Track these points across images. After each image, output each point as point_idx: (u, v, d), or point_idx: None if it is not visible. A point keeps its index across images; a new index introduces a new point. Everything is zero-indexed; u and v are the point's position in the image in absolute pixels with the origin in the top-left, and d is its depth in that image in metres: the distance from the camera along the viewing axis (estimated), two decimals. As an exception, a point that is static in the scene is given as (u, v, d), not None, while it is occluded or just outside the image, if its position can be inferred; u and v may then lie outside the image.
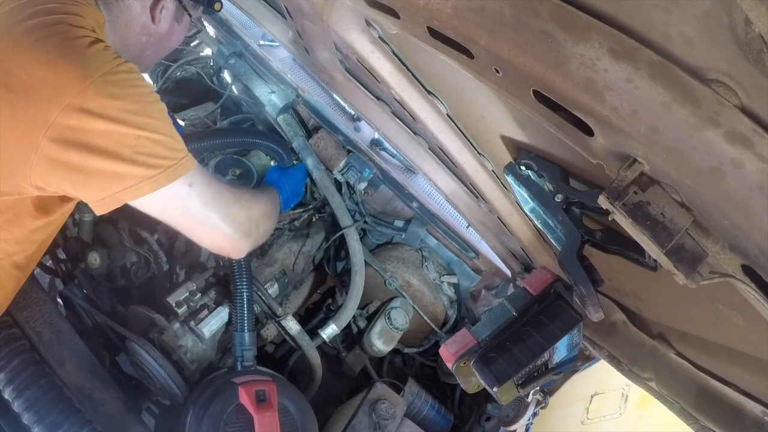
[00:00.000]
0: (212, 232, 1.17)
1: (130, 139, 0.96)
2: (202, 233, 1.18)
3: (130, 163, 0.97)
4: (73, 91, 0.92)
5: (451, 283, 1.96)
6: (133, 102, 0.97)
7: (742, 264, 0.65)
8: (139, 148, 0.97)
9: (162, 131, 1.00)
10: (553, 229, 0.92)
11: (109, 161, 0.95)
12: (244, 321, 1.49)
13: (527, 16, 0.64)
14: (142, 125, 0.97)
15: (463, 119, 1.09)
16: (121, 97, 0.95)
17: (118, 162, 0.96)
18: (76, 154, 0.94)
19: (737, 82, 0.53)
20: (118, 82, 0.96)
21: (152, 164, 0.99)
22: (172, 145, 1.02)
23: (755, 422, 0.94)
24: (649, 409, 1.54)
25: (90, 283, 1.68)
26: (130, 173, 0.97)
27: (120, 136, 0.95)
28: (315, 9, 1.10)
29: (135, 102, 0.97)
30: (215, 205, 1.13)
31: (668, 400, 1.10)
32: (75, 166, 0.95)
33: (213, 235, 1.18)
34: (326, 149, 1.95)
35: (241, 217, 1.21)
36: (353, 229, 1.87)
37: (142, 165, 0.98)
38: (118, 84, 0.96)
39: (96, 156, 0.95)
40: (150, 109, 1.00)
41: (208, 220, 1.13)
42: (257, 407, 1.30)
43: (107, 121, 0.93)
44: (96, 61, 0.96)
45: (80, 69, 0.94)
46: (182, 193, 1.05)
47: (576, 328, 0.96)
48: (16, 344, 1.30)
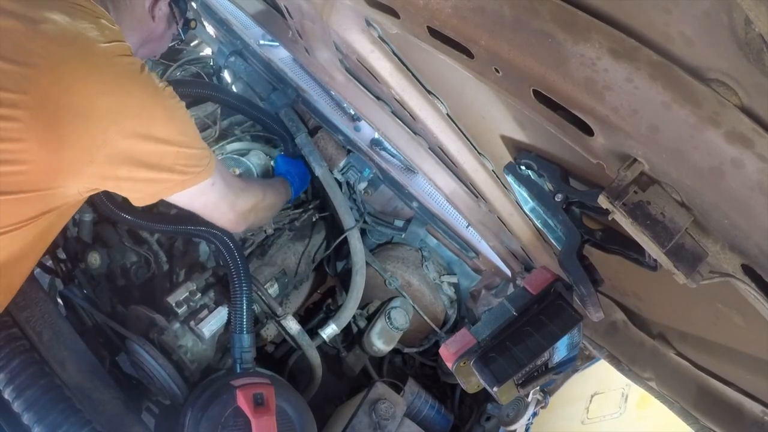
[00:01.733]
0: (221, 216, 1.43)
1: (172, 154, 1.16)
2: (213, 216, 1.43)
3: (169, 172, 1.18)
4: (129, 117, 1.09)
5: (451, 282, 1.96)
6: (176, 124, 1.17)
7: (742, 264, 0.65)
8: (177, 161, 1.18)
9: (195, 145, 1.22)
10: (553, 228, 0.92)
11: (152, 172, 1.15)
12: (242, 323, 1.48)
13: (527, 16, 0.64)
14: (182, 143, 1.17)
15: (463, 119, 1.09)
16: (166, 121, 1.15)
17: (160, 172, 1.17)
18: (126, 168, 1.12)
19: (737, 82, 0.53)
20: (165, 108, 1.15)
21: (186, 171, 1.21)
22: (202, 155, 1.23)
23: (755, 422, 0.94)
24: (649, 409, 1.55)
25: (90, 283, 1.68)
26: (168, 179, 1.19)
27: (164, 153, 1.15)
28: (315, 9, 1.10)
29: (177, 124, 1.17)
30: (228, 198, 1.38)
31: (668, 400, 1.10)
32: (124, 177, 1.14)
33: (220, 217, 1.43)
34: (326, 149, 1.95)
35: (246, 206, 1.46)
36: (355, 229, 1.87)
37: (178, 173, 1.19)
38: (165, 109, 1.15)
39: (143, 168, 1.14)
40: (187, 128, 1.21)
41: (221, 208, 1.39)
42: (255, 411, 1.30)
43: (155, 143, 1.12)
44: (147, 90, 1.13)
45: (135, 98, 1.10)
46: (206, 190, 1.29)
47: (576, 327, 0.96)
48: (16, 344, 1.30)
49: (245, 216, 1.47)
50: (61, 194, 1.13)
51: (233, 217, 1.43)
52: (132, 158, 1.11)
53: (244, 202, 1.45)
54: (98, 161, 1.08)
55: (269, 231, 1.83)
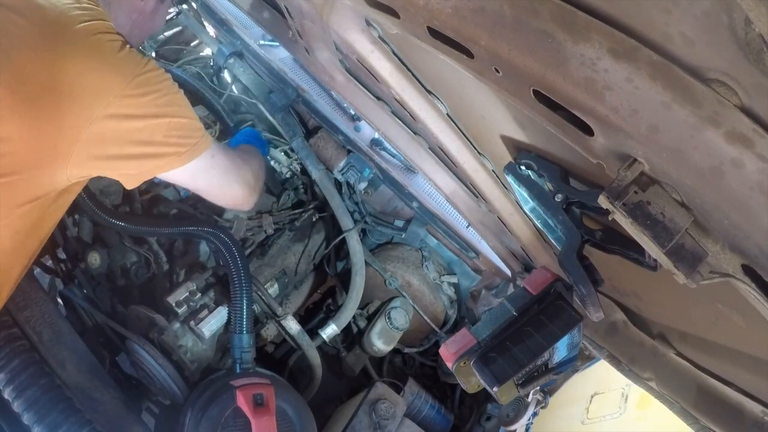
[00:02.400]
0: (230, 193, 1.37)
1: (163, 126, 1.12)
2: (221, 195, 1.37)
3: (162, 146, 1.13)
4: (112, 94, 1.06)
5: (451, 283, 1.96)
6: (163, 94, 1.12)
7: (742, 264, 0.65)
8: (170, 132, 1.13)
9: (187, 115, 1.17)
10: (553, 229, 0.92)
11: (144, 147, 1.11)
12: (242, 323, 1.48)
13: (527, 16, 0.64)
14: (172, 113, 1.13)
15: (463, 119, 1.09)
16: (152, 92, 1.10)
17: (153, 146, 1.12)
18: (115, 146, 1.09)
19: (737, 82, 0.53)
20: (148, 80, 1.11)
21: (181, 143, 1.15)
22: (195, 125, 1.19)
23: (755, 422, 0.93)
24: (649, 409, 1.54)
25: (90, 283, 1.68)
26: (163, 153, 1.14)
27: (154, 126, 1.11)
28: (315, 9, 1.10)
29: (164, 94, 1.13)
30: (232, 171, 1.32)
31: (668, 400, 1.10)
32: (114, 155, 1.10)
33: (231, 195, 1.38)
34: (326, 149, 1.95)
35: (249, 176, 1.41)
36: (354, 230, 1.87)
37: (173, 145, 1.14)
38: (148, 82, 1.11)
39: (133, 145, 1.10)
40: (176, 98, 1.16)
41: (227, 184, 1.33)
42: (255, 411, 1.30)
43: (143, 118, 1.09)
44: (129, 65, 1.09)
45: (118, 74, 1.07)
46: (207, 165, 1.23)
47: (576, 328, 0.96)
48: (16, 344, 1.30)
49: (254, 187, 1.42)
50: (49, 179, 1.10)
51: (244, 191, 1.38)
52: (120, 136, 1.09)
53: (248, 171, 1.40)
54: (84, 140, 1.06)
55: (269, 231, 1.83)
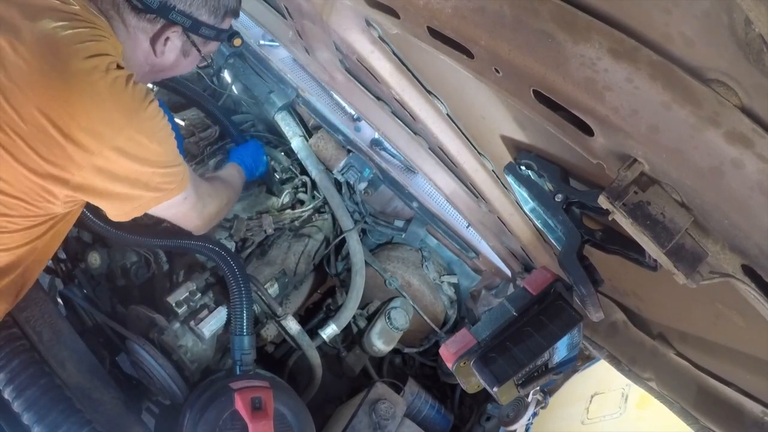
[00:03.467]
0: (189, 223, 1.47)
1: (149, 174, 1.17)
2: (180, 223, 1.46)
3: (144, 190, 1.19)
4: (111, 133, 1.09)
5: (451, 283, 1.96)
6: (158, 144, 1.16)
7: (742, 264, 0.65)
8: (153, 179, 1.19)
9: (172, 163, 1.22)
10: (553, 229, 0.92)
11: (127, 188, 1.17)
12: (242, 325, 1.48)
13: (527, 16, 0.64)
14: (160, 164, 1.18)
15: (463, 119, 1.09)
16: (147, 141, 1.13)
17: (135, 189, 1.18)
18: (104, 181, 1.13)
19: (737, 82, 0.53)
20: (147, 128, 1.14)
21: (160, 189, 1.22)
22: (176, 173, 1.24)
23: (755, 422, 0.93)
24: (649, 409, 1.54)
25: (90, 283, 1.68)
26: (143, 196, 1.21)
27: (142, 172, 1.16)
28: (315, 9, 1.10)
29: (159, 143, 1.16)
30: (197, 207, 1.41)
31: (668, 400, 1.10)
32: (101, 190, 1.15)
33: (187, 224, 1.48)
34: (326, 149, 1.95)
35: (213, 211, 1.50)
36: (354, 231, 1.87)
37: (153, 190, 1.21)
38: (147, 130, 1.13)
39: (119, 183, 1.15)
40: (167, 148, 1.20)
41: (190, 216, 1.44)
42: (252, 415, 1.29)
43: (134, 161, 1.13)
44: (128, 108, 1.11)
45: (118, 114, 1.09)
46: (177, 203, 1.31)
47: (576, 328, 0.96)
48: (16, 344, 1.30)
49: (211, 220, 1.51)
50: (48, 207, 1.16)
51: (200, 223, 1.48)
52: (109, 172, 1.12)
53: (211, 208, 1.48)
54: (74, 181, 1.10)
55: (269, 231, 1.83)
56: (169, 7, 1.22)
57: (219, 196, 1.53)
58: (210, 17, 1.29)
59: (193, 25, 1.27)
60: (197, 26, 1.28)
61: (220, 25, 1.34)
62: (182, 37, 1.31)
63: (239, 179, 1.74)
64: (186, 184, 1.29)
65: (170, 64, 1.36)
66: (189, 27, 1.27)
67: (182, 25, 1.26)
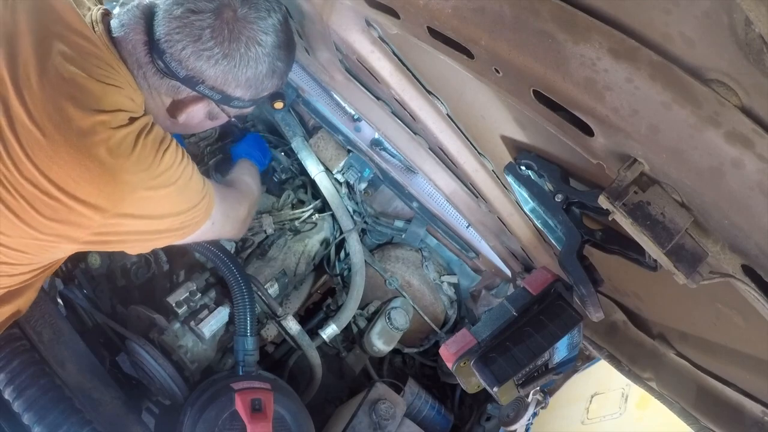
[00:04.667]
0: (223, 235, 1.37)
1: (168, 223, 1.08)
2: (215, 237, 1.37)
3: (165, 233, 1.10)
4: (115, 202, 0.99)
5: (451, 283, 1.96)
6: (174, 196, 1.05)
7: (742, 264, 0.65)
8: (173, 224, 1.09)
9: (194, 204, 1.10)
10: (553, 229, 0.92)
11: (146, 236, 1.09)
12: (246, 325, 1.48)
13: (527, 16, 0.64)
14: (179, 211, 1.08)
15: (463, 119, 1.09)
16: (162, 198, 1.03)
17: (156, 234, 1.09)
18: (116, 238, 1.05)
19: (737, 82, 0.53)
20: (160, 186, 1.02)
21: (183, 227, 1.12)
22: (197, 208, 1.12)
23: (755, 422, 0.93)
24: (649, 409, 1.54)
25: (90, 283, 1.68)
26: (166, 236, 1.12)
27: (159, 224, 1.07)
28: (315, 9, 1.10)
29: (175, 196, 1.05)
30: (229, 220, 1.31)
31: (668, 400, 1.10)
32: (115, 244, 1.08)
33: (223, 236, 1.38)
34: (326, 149, 1.95)
35: (245, 213, 1.39)
36: (354, 231, 1.87)
37: (175, 231, 1.12)
38: (160, 187, 1.02)
39: (134, 236, 1.07)
40: (187, 195, 1.09)
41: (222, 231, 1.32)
42: (251, 416, 1.29)
43: (149, 219, 1.05)
44: (138, 168, 0.99)
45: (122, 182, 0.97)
46: (206, 230, 1.21)
47: (576, 328, 0.96)
48: (16, 344, 1.30)
49: (244, 223, 1.44)
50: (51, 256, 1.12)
51: (235, 231, 1.39)
52: (122, 232, 1.05)
53: (241, 212, 1.39)
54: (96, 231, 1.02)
55: (269, 231, 1.83)
56: (197, 81, 1.08)
57: (244, 197, 1.43)
58: (246, 93, 1.15)
59: (224, 99, 1.13)
60: (229, 100, 1.14)
61: (258, 96, 1.19)
62: (209, 106, 1.17)
63: (256, 172, 1.65)
64: (211, 212, 1.17)
65: (194, 125, 1.25)
66: (219, 100, 1.14)
67: (210, 98, 1.13)
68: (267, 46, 1.11)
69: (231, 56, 1.07)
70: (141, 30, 1.07)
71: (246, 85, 1.13)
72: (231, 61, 1.07)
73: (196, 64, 1.06)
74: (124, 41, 1.08)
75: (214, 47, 1.05)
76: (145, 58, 1.08)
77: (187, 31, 1.04)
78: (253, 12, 1.08)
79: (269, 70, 1.13)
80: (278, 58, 1.14)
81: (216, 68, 1.07)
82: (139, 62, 1.08)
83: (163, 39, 1.05)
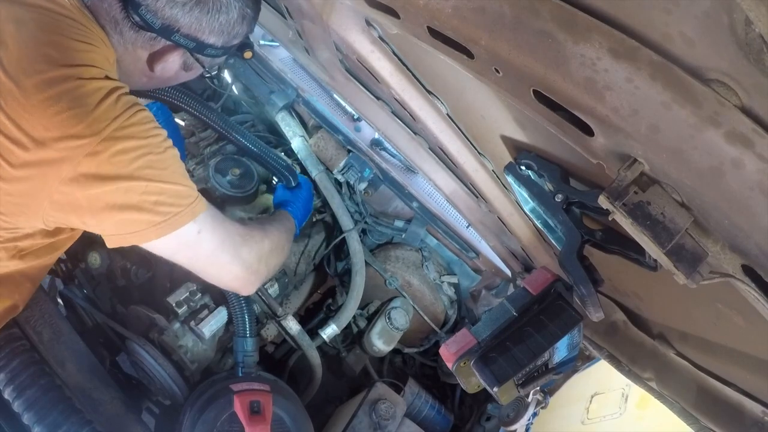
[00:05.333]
0: (221, 273, 1.24)
1: (137, 191, 1.01)
2: (210, 274, 1.23)
3: (136, 211, 1.02)
4: (83, 150, 0.96)
5: (451, 283, 1.96)
6: (141, 155, 1.00)
7: (742, 264, 0.65)
8: (145, 197, 1.01)
9: (170, 180, 1.04)
10: (553, 229, 0.92)
11: (116, 211, 1.01)
12: (245, 326, 1.48)
13: (527, 16, 0.64)
14: (149, 177, 1.01)
15: (463, 119, 1.09)
16: (128, 151, 0.99)
17: (125, 210, 1.01)
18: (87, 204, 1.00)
19: (737, 82, 0.53)
20: (127, 136, 0.99)
21: (158, 212, 1.03)
22: (178, 193, 1.06)
23: (755, 422, 0.93)
24: (649, 409, 1.54)
25: (90, 283, 1.68)
26: (137, 219, 1.03)
27: (127, 189, 1.00)
28: (315, 9, 1.10)
29: (143, 155, 1.01)
30: (224, 248, 1.18)
31: (668, 400, 1.10)
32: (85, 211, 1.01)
33: (222, 276, 1.25)
34: (326, 149, 1.95)
35: (251, 257, 1.25)
36: (354, 231, 1.87)
37: (148, 212, 1.03)
38: (127, 138, 0.99)
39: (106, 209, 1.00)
40: (158, 160, 1.03)
41: (217, 262, 1.20)
42: (250, 419, 1.29)
43: (115, 180, 0.98)
44: (105, 117, 0.98)
45: (90, 128, 0.96)
46: (190, 239, 1.10)
47: (576, 328, 0.96)
48: (16, 344, 1.30)
49: (255, 269, 1.26)
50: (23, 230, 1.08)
51: (240, 271, 1.23)
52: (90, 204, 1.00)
53: (248, 253, 1.23)
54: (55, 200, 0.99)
55: (269, 231, 1.83)
56: (173, 30, 1.12)
57: (258, 239, 1.28)
58: (218, 40, 1.19)
59: (198, 47, 1.17)
60: (202, 48, 1.18)
61: (229, 44, 1.23)
62: (184, 56, 1.21)
63: (290, 229, 1.51)
64: (196, 213, 1.09)
65: (169, 78, 1.26)
66: (193, 48, 1.17)
67: (185, 47, 1.16)
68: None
69: (204, 3, 1.12)
70: None
71: (219, 31, 1.17)
72: (204, 8, 1.12)
73: (171, 12, 1.10)
74: (98, 2, 1.11)
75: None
76: (120, 14, 1.11)
77: None
78: None
79: (239, 15, 1.18)
80: (247, 5, 1.19)
81: (190, 15, 1.11)
82: (115, 19, 1.11)
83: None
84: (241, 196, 1.76)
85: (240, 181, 1.79)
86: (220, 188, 1.73)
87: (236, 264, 1.22)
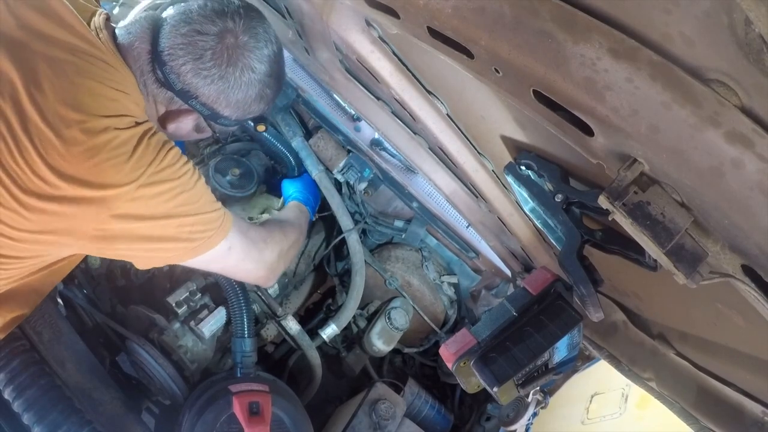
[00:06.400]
0: (248, 276, 1.36)
1: (173, 225, 1.08)
2: (238, 276, 1.38)
3: (172, 242, 1.10)
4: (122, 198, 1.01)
5: (451, 283, 1.96)
6: (176, 195, 1.06)
7: (742, 264, 0.65)
8: (181, 229, 1.09)
9: (202, 210, 1.12)
10: (553, 229, 0.92)
11: (153, 244, 1.08)
12: (243, 327, 1.48)
13: (527, 16, 0.64)
14: (184, 213, 1.08)
15: (463, 119, 1.09)
16: (164, 193, 1.05)
17: (163, 242, 1.09)
18: (124, 244, 1.07)
19: (737, 82, 0.53)
20: (161, 180, 1.04)
21: (193, 238, 1.11)
22: (210, 219, 1.13)
23: (755, 422, 0.93)
24: (649, 409, 1.55)
25: (90, 282, 1.68)
26: (173, 247, 1.11)
27: (164, 225, 1.07)
28: (315, 9, 1.10)
29: (177, 194, 1.07)
30: (251, 256, 1.28)
31: (668, 400, 1.10)
32: (123, 250, 1.09)
33: (247, 276, 1.37)
34: (326, 149, 1.95)
35: (273, 257, 1.36)
36: (354, 231, 1.87)
37: (184, 240, 1.11)
38: (161, 182, 1.04)
39: (142, 242, 1.07)
40: (191, 196, 1.09)
41: (244, 267, 1.29)
42: (249, 420, 1.29)
43: (152, 219, 1.05)
44: (141, 165, 1.02)
45: (127, 176, 1.01)
46: (222, 254, 1.19)
47: (576, 328, 0.96)
48: (16, 344, 1.30)
49: (275, 268, 1.38)
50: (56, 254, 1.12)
51: (263, 272, 1.34)
52: (128, 236, 1.05)
53: (270, 254, 1.34)
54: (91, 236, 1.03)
55: (269, 231, 1.83)
56: (191, 95, 1.15)
57: (278, 239, 1.39)
58: (233, 113, 1.21)
59: (213, 116, 1.20)
60: (216, 117, 1.21)
61: (243, 118, 1.25)
62: (198, 119, 1.23)
63: (304, 219, 1.63)
64: (227, 231, 1.17)
65: (180, 136, 1.30)
66: (208, 116, 1.20)
67: (200, 113, 1.19)
68: (260, 73, 1.19)
69: (226, 78, 1.15)
70: (147, 40, 1.14)
71: (235, 106, 1.20)
72: (225, 83, 1.15)
73: (193, 80, 1.13)
74: (129, 48, 1.14)
75: (212, 68, 1.13)
76: (147, 66, 1.14)
77: (190, 48, 1.11)
78: (253, 41, 1.16)
79: (258, 95, 1.21)
80: (268, 85, 1.22)
81: (210, 87, 1.15)
82: (141, 69, 1.15)
83: (166, 52, 1.12)
84: (241, 196, 1.76)
85: (240, 181, 1.80)
86: (220, 188, 1.73)
87: (261, 267, 1.33)
